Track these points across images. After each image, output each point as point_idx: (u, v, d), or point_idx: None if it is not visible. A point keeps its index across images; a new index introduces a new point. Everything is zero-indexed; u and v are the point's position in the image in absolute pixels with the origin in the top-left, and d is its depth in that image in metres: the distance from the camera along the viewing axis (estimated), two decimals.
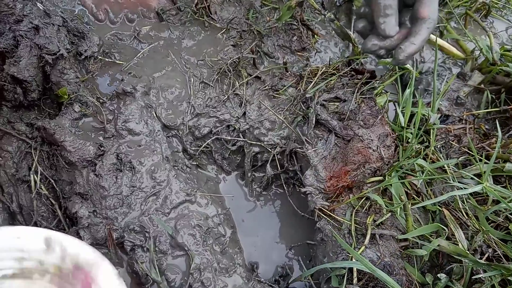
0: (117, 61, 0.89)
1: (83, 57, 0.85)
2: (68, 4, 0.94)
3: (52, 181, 0.79)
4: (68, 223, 0.79)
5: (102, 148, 0.78)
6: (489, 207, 0.73)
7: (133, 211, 0.75)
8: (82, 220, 0.73)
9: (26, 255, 0.63)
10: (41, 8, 0.84)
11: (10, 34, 0.80)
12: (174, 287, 0.71)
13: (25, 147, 0.81)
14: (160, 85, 0.87)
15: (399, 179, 0.76)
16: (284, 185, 0.87)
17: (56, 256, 0.63)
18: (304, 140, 0.79)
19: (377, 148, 0.74)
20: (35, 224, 0.78)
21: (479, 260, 0.64)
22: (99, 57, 0.88)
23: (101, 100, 0.84)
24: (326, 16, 0.99)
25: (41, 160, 0.81)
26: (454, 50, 1.03)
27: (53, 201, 0.79)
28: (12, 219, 0.78)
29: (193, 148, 0.88)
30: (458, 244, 0.68)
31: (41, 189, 0.79)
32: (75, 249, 0.63)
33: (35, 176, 0.79)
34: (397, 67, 0.91)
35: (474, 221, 0.72)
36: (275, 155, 0.85)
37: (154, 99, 0.86)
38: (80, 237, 0.72)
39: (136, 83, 0.84)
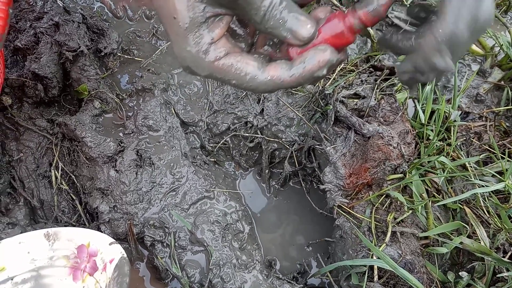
0: (136, 58, 0.89)
1: (102, 54, 0.86)
2: (87, 1, 0.95)
3: (73, 176, 0.80)
4: (89, 218, 0.79)
5: (122, 144, 0.79)
6: (511, 205, 0.72)
7: (153, 207, 0.76)
8: (103, 215, 0.74)
9: (35, 255, 0.66)
10: (61, 5, 0.84)
11: (31, 31, 0.81)
12: (194, 282, 0.72)
13: (46, 143, 0.82)
14: (178, 82, 0.87)
15: (419, 177, 0.75)
16: (302, 182, 0.87)
17: (57, 246, 0.68)
18: (323, 137, 0.78)
19: (397, 145, 0.74)
20: (56, 219, 0.79)
21: (502, 259, 0.63)
22: (118, 54, 0.88)
23: (120, 97, 0.84)
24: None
25: (62, 156, 0.82)
26: (473, 46, 1.02)
27: (73, 197, 0.80)
28: (33, 214, 0.79)
29: (211, 145, 0.88)
30: (480, 243, 0.67)
31: (62, 184, 0.80)
32: (69, 232, 0.68)
33: (56, 172, 0.80)
34: None
35: (496, 219, 0.71)
36: (293, 152, 0.84)
37: (173, 96, 0.86)
38: (101, 232, 0.73)
39: (155, 80, 0.84)
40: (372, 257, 0.66)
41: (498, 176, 0.74)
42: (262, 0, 0.36)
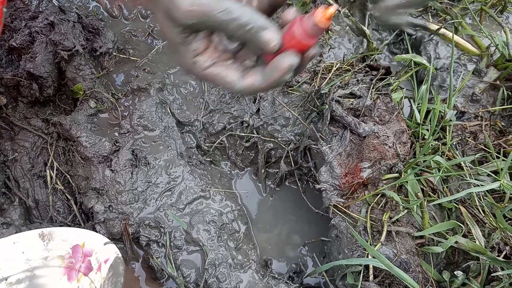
0: (131, 58, 0.89)
1: (98, 53, 0.86)
2: (82, 0, 0.94)
3: (68, 176, 0.80)
4: (84, 218, 0.79)
5: (117, 144, 0.79)
6: (507, 204, 0.73)
7: (148, 207, 0.76)
8: (98, 215, 0.74)
9: (29, 255, 0.66)
10: (56, 4, 0.84)
11: (26, 30, 0.81)
12: (189, 282, 0.71)
13: (41, 143, 0.82)
14: (174, 81, 0.87)
15: (415, 176, 0.75)
16: (298, 182, 0.87)
17: (52, 246, 0.67)
18: (318, 136, 0.78)
19: (393, 144, 0.74)
20: (51, 219, 0.79)
21: (497, 258, 0.63)
22: (114, 54, 0.88)
23: (116, 96, 0.84)
24: (341, 12, 0.99)
25: (57, 156, 0.81)
26: (469, 46, 1.02)
27: (68, 196, 0.80)
28: (28, 214, 0.79)
29: (207, 144, 0.88)
30: (475, 242, 0.67)
31: (57, 184, 0.80)
32: (64, 232, 0.68)
33: (51, 172, 0.80)
34: (413, 62, 0.90)
35: (491, 218, 0.71)
36: (289, 151, 0.84)
37: (169, 95, 0.86)
38: (96, 232, 0.72)
39: (150, 79, 0.84)
40: (367, 257, 0.66)
41: (493, 175, 0.74)
42: (228, 24, 0.41)
